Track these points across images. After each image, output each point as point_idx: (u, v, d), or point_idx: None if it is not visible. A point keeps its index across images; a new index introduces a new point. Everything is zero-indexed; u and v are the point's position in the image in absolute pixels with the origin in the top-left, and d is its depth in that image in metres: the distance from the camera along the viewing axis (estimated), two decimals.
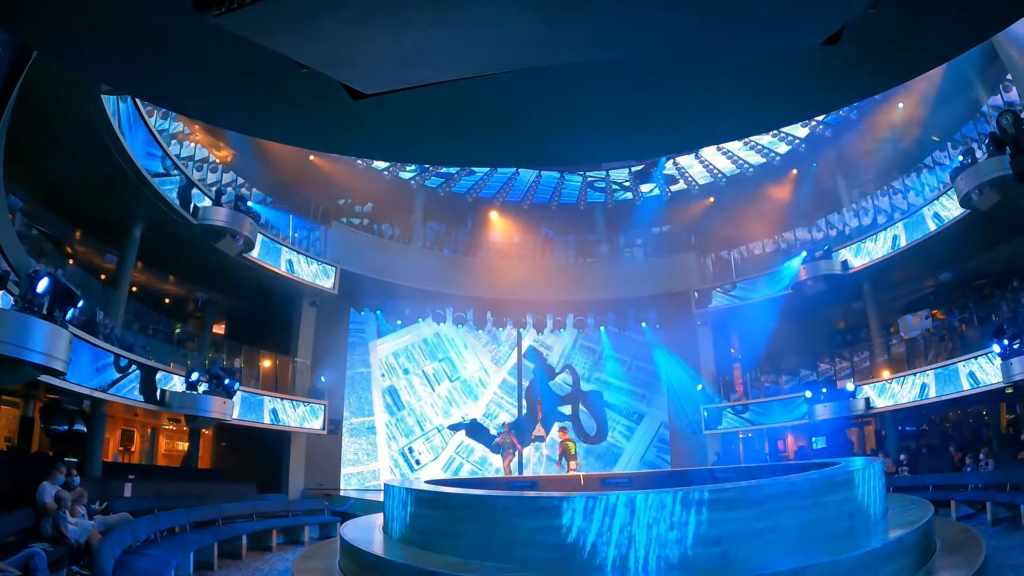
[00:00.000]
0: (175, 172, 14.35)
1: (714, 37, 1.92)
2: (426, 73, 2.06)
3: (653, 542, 5.33)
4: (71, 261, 14.72)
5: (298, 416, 18.28)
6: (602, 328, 24.67)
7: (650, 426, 24.01)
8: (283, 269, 18.10)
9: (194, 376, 13.90)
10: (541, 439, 22.98)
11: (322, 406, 19.02)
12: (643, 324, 24.46)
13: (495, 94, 2.37)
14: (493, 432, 22.17)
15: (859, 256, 18.50)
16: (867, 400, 17.20)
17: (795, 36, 1.93)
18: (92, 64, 3.17)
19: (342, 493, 18.60)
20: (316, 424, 18.78)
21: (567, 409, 24.17)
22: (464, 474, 22.12)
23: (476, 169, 22.75)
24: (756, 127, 5.74)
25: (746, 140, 21.49)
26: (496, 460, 21.99)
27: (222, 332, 21.10)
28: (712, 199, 24.11)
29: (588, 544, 5.43)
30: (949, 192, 15.05)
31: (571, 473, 16.05)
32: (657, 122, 2.89)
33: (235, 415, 15.37)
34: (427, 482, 9.53)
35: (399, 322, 23.02)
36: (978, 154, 13.87)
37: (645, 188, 24.68)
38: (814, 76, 2.52)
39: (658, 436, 23.90)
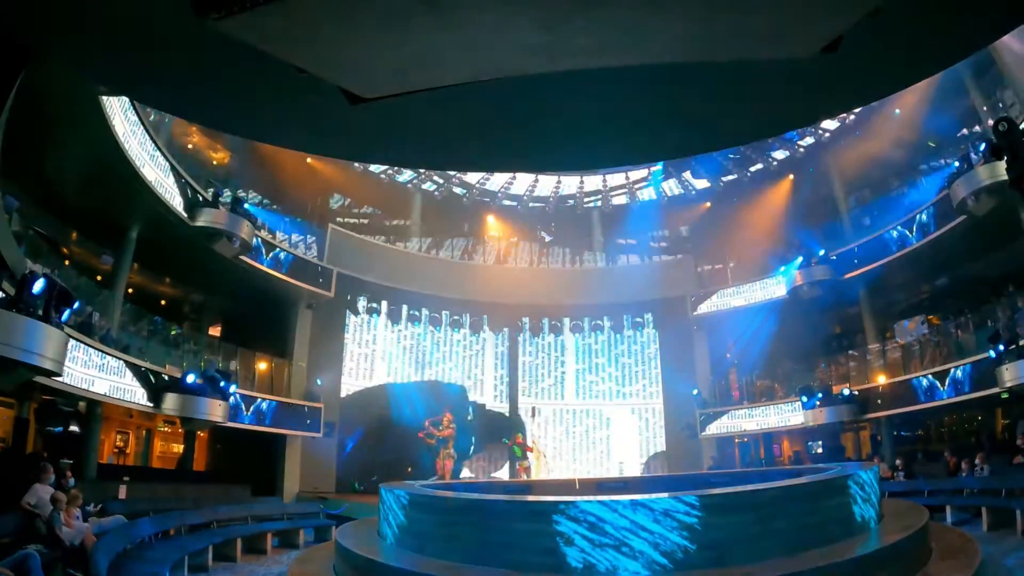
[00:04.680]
0: (172, 174, 14.31)
1: (714, 46, 1.92)
2: (426, 78, 2.07)
3: (649, 545, 5.33)
4: (67, 262, 14.67)
5: (293, 419, 18.22)
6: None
7: None
8: (279, 272, 18.06)
9: (190, 378, 13.85)
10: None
11: (318, 409, 18.97)
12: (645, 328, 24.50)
13: (495, 99, 2.38)
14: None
15: (855, 261, 18.54)
16: (863, 405, 17.22)
17: (795, 43, 1.94)
18: (90, 66, 3.17)
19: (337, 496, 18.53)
20: (311, 427, 18.73)
21: None
22: None
23: (473, 173, 22.78)
24: (755, 134, 5.77)
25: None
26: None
27: (218, 334, 21.04)
28: (709, 204, 24.17)
29: (584, 548, 5.42)
30: (945, 198, 15.11)
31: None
32: (656, 128, 2.91)
33: (230, 417, 15.30)
34: (422, 486, 9.49)
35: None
36: (974, 160, 13.94)
37: (642, 193, 24.74)
38: (813, 83, 2.54)
39: None
